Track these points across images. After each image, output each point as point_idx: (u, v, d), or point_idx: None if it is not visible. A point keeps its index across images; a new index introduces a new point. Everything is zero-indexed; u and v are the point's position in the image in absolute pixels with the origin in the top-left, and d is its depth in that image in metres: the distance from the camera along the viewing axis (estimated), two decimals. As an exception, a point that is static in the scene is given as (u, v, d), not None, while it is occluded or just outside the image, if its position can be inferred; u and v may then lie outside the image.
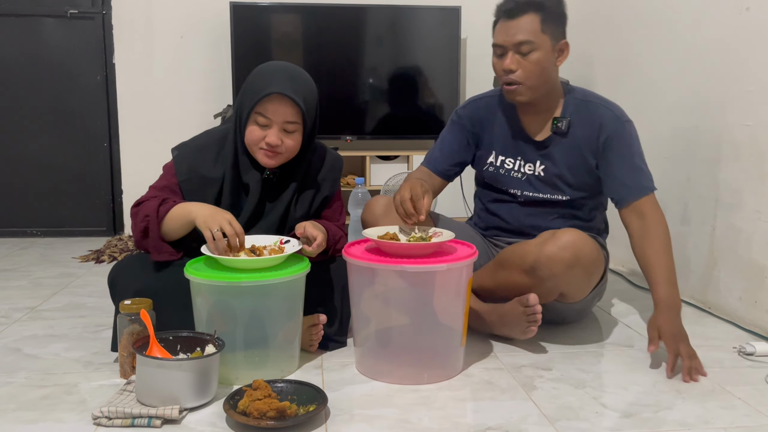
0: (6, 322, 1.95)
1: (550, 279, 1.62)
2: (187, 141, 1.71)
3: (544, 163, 1.83)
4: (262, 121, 1.59)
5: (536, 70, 1.70)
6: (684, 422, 1.32)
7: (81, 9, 3.24)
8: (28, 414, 1.34)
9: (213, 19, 3.27)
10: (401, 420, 1.32)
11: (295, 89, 1.58)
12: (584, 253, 1.62)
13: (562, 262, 1.60)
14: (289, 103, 1.58)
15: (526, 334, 1.64)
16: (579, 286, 1.69)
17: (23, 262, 2.77)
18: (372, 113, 3.32)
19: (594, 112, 1.79)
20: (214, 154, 1.67)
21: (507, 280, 1.69)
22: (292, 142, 1.61)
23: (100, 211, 3.38)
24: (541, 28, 1.67)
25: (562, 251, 1.60)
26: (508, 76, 1.71)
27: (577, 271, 1.63)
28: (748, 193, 1.94)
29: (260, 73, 1.63)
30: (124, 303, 1.47)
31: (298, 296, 1.54)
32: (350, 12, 3.24)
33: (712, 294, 2.10)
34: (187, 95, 3.33)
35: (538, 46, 1.68)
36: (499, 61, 1.74)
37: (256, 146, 1.61)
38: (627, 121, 1.79)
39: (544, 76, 1.72)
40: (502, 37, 1.71)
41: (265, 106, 1.57)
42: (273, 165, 1.63)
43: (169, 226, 1.57)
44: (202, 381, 1.34)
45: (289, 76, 1.61)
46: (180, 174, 1.65)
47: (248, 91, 1.61)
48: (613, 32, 2.75)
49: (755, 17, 1.91)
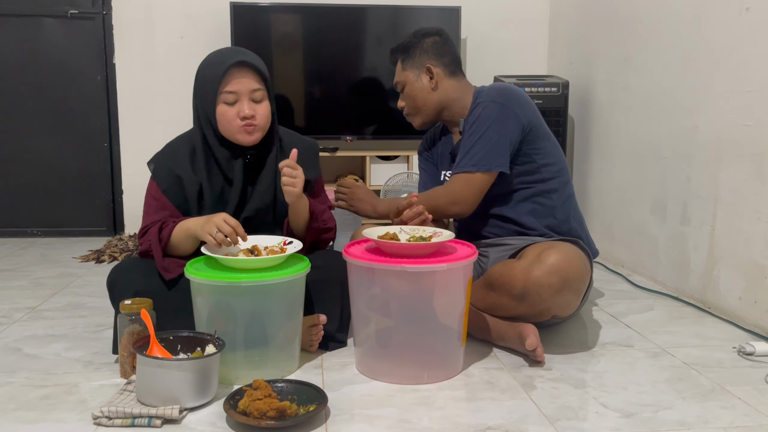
0: (6, 322, 1.95)
1: (540, 303, 1.60)
2: (159, 151, 1.74)
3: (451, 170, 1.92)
4: (229, 98, 1.61)
5: (413, 101, 1.93)
6: (684, 422, 1.32)
7: (81, 9, 3.24)
8: (28, 414, 1.34)
9: (213, 19, 3.27)
10: (401, 420, 1.33)
11: (249, 57, 1.64)
12: (572, 273, 1.59)
13: (550, 288, 1.57)
14: (249, 71, 1.62)
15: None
16: (570, 305, 1.67)
17: (23, 262, 2.77)
18: (372, 113, 3.32)
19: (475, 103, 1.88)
20: (187, 153, 1.69)
21: (497, 302, 1.68)
22: (264, 109, 1.65)
23: (100, 211, 3.38)
24: (402, 67, 1.94)
25: (550, 276, 1.56)
26: (402, 109, 1.98)
27: (567, 293, 1.61)
28: (748, 193, 1.94)
29: (209, 60, 1.69)
30: (124, 303, 1.47)
31: (298, 296, 1.54)
32: (350, 12, 3.24)
33: (712, 294, 2.10)
34: (187, 95, 3.28)
35: (405, 82, 1.93)
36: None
37: (233, 126, 1.62)
38: (480, 103, 1.82)
39: (422, 100, 1.92)
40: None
41: (228, 81, 1.61)
42: (254, 140, 1.65)
43: (178, 246, 1.61)
44: (203, 381, 1.34)
45: (237, 50, 1.68)
46: (161, 183, 1.67)
47: (206, 78, 1.65)
48: (613, 32, 2.76)
49: (755, 17, 1.92)
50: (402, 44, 1.95)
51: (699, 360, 1.66)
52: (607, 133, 2.81)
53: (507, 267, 1.66)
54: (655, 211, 2.43)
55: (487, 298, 1.70)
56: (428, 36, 1.93)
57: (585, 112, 3.00)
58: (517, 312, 1.65)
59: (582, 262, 1.65)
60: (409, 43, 1.93)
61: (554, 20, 3.44)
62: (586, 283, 1.69)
